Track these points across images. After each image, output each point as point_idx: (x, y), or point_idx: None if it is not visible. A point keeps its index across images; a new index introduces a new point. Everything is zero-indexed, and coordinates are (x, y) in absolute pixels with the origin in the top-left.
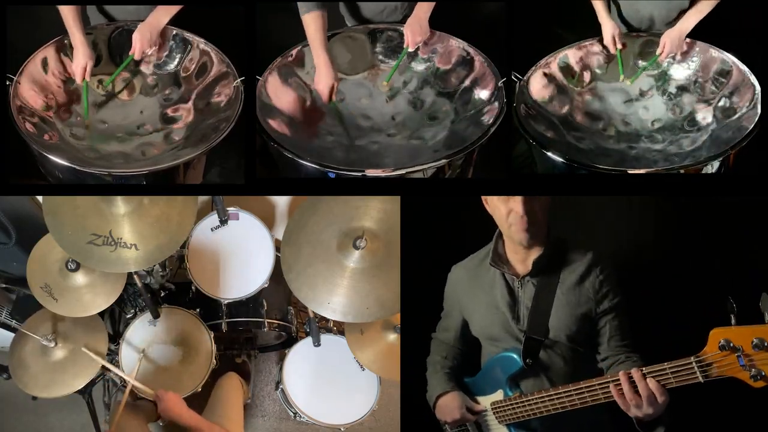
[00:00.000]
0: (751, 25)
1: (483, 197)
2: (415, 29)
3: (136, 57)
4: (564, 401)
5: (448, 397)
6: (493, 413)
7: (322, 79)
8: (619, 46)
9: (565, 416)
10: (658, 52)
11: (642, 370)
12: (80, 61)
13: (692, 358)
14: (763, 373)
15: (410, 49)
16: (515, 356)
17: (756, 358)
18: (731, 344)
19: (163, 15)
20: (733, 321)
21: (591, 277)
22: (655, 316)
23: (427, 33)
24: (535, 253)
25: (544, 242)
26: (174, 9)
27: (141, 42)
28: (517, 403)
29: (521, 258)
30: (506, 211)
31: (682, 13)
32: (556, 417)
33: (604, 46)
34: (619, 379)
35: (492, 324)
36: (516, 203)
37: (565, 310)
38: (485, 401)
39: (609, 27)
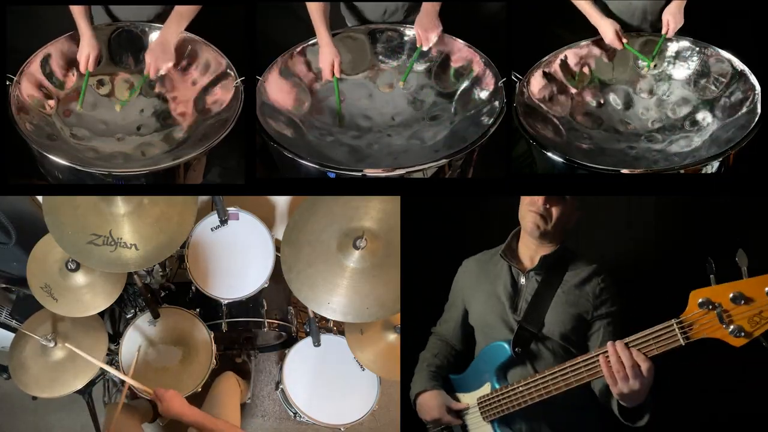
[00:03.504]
0: (751, 25)
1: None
2: (426, 26)
3: (152, 76)
4: (549, 385)
5: (427, 395)
6: (479, 409)
7: (322, 57)
8: (625, 40)
9: (551, 415)
10: (663, 31)
11: (625, 341)
12: (84, 50)
13: (673, 320)
14: (743, 328)
15: (424, 48)
16: (505, 345)
17: (734, 313)
18: (710, 302)
19: (172, 31)
20: (712, 282)
21: (593, 283)
22: (653, 316)
23: (440, 27)
24: (546, 251)
25: (556, 244)
26: (184, 22)
27: (154, 61)
28: (503, 394)
29: (531, 255)
30: (529, 200)
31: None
32: (540, 416)
33: (607, 49)
34: (606, 351)
35: (490, 312)
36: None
37: (563, 308)
38: (471, 398)
39: (608, 25)
